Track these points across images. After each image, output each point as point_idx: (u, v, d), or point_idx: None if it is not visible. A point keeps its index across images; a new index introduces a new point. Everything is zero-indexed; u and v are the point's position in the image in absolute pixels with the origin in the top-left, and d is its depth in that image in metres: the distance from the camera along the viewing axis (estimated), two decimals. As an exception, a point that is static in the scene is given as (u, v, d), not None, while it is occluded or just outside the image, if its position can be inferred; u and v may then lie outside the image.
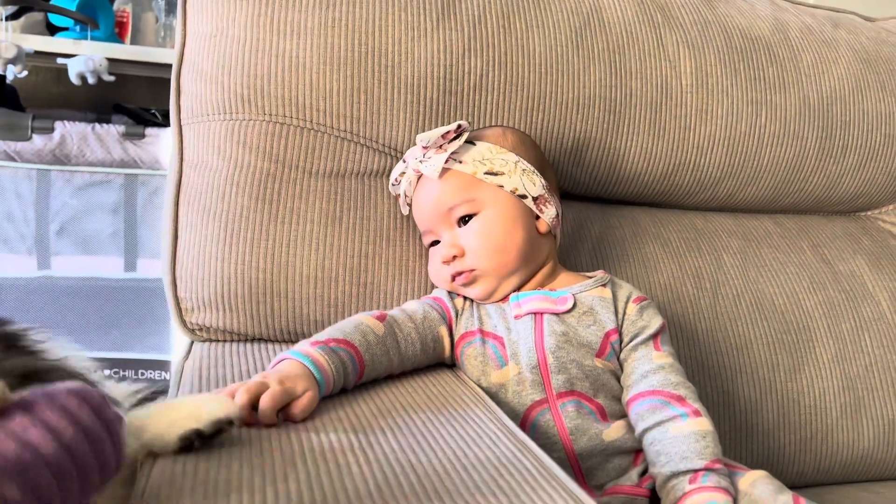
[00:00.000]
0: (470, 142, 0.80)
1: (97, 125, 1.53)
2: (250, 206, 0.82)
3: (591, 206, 1.01)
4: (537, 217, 0.81)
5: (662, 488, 0.69)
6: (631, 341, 0.77)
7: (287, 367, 0.63)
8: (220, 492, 0.46)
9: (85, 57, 1.65)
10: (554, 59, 0.93)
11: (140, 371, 1.66)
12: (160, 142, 1.58)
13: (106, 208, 1.61)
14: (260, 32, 0.83)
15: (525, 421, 0.73)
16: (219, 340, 0.84)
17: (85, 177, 1.59)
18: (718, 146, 1.02)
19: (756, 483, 0.69)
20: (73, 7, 1.71)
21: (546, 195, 0.81)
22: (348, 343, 0.68)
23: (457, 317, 0.79)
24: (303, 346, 0.67)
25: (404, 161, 0.82)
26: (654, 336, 0.77)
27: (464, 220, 0.79)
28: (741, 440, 0.94)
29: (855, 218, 1.19)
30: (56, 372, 0.48)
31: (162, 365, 1.67)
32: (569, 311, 0.77)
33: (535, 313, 0.77)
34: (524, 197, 0.80)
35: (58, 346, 0.52)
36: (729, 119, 1.01)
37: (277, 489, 0.47)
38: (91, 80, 1.67)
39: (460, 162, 0.79)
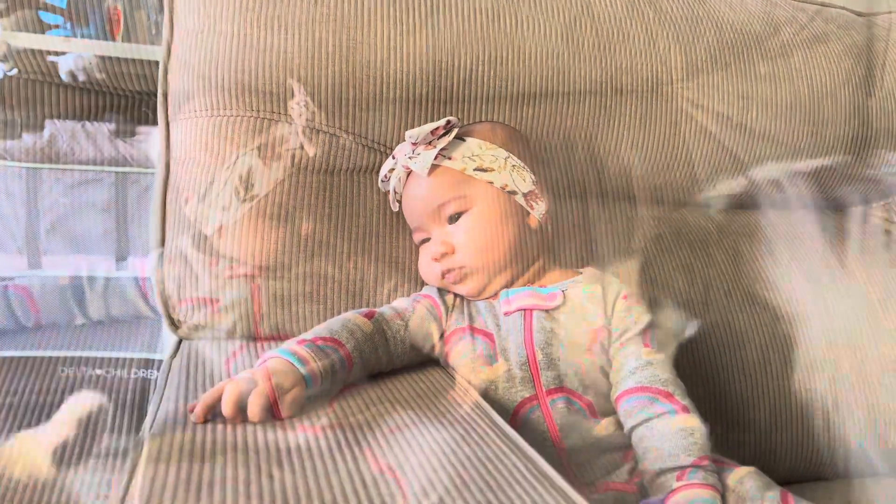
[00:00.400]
0: (459, 138, 0.80)
1: (87, 123, 1.52)
2: (238, 202, 0.82)
3: (581, 201, 1.01)
4: (527, 213, 0.81)
5: (651, 485, 0.68)
6: (620, 338, 0.76)
7: (274, 365, 0.63)
8: (204, 488, 0.46)
9: (75, 54, 1.64)
10: (544, 54, 0.92)
11: (132, 370, 1.65)
12: (152, 139, 1.57)
13: (97, 206, 1.60)
14: (247, 28, 0.83)
15: (515, 417, 0.73)
16: (207, 338, 0.83)
17: (75, 175, 1.58)
18: (709, 141, 1.01)
19: (744, 479, 0.69)
20: (62, 5, 1.70)
21: (536, 191, 0.81)
22: (335, 341, 0.68)
23: (447, 314, 0.79)
24: (289, 344, 0.66)
25: (394, 157, 0.82)
26: (642, 332, 0.77)
27: (454, 217, 0.79)
28: (733, 436, 0.94)
29: (846, 213, 1.19)
30: None
31: (154, 364, 1.67)
32: (558, 308, 0.76)
33: (524, 310, 0.76)
34: (514, 193, 0.79)
35: None
36: (719, 114, 1.01)
37: (262, 485, 0.47)
38: (81, 78, 1.66)
39: (450, 158, 0.78)
